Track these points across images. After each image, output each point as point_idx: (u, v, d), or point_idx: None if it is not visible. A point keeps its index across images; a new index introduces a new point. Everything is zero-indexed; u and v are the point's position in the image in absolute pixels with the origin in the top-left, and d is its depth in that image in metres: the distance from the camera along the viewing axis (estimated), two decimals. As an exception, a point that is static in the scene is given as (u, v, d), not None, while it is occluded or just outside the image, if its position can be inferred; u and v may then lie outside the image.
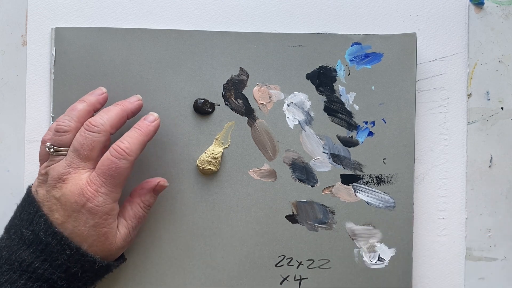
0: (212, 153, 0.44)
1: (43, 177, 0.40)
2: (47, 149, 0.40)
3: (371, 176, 0.45)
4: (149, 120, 0.41)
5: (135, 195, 0.42)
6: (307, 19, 0.46)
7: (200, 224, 0.45)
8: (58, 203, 0.38)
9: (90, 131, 0.39)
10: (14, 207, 0.45)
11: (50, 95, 0.45)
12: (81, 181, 0.38)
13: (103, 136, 0.39)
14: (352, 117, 0.45)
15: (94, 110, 0.41)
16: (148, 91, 0.45)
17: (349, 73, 0.45)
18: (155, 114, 0.41)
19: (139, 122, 0.41)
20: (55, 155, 0.40)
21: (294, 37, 0.45)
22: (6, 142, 0.45)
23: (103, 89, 0.42)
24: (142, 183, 0.42)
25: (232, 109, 0.45)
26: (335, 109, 0.45)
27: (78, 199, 0.38)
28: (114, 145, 0.39)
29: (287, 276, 0.45)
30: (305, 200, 0.45)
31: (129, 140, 0.39)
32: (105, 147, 0.40)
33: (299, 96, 0.45)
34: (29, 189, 0.41)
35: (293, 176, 0.45)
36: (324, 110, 0.45)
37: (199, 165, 0.44)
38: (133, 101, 0.42)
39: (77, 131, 0.40)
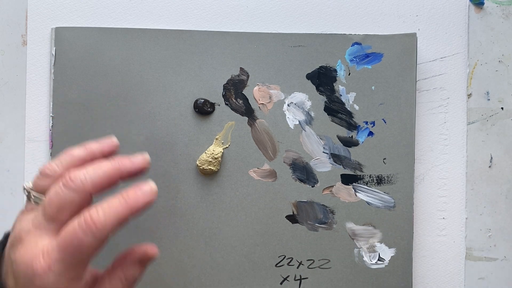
0: (212, 153, 0.44)
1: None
2: (23, 189, 0.33)
3: (371, 176, 0.45)
4: (142, 191, 0.31)
5: (117, 266, 0.33)
6: (307, 19, 0.46)
7: (200, 224, 0.45)
8: (11, 268, 0.31)
9: (65, 186, 0.31)
10: (14, 207, 0.45)
11: (50, 95, 0.45)
12: (36, 248, 0.30)
13: (78, 196, 0.31)
14: (352, 117, 0.45)
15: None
16: (148, 91, 0.45)
17: (349, 73, 0.45)
18: (153, 186, 0.32)
19: (130, 190, 0.31)
20: (29, 200, 0.33)
21: (294, 37, 0.45)
22: (6, 142, 0.45)
23: (114, 140, 0.35)
24: (126, 250, 0.34)
25: (232, 109, 0.45)
26: (335, 109, 0.45)
27: (27, 272, 0.30)
28: (85, 213, 0.30)
29: (287, 276, 0.45)
30: (305, 200, 0.45)
31: (106, 211, 0.30)
32: (83, 208, 0.31)
33: (299, 96, 0.45)
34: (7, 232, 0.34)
35: (293, 176, 0.45)
36: (324, 110, 0.45)
37: (199, 165, 0.44)
38: (136, 161, 0.33)
39: None
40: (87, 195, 0.31)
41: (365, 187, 0.45)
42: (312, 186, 0.45)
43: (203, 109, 0.45)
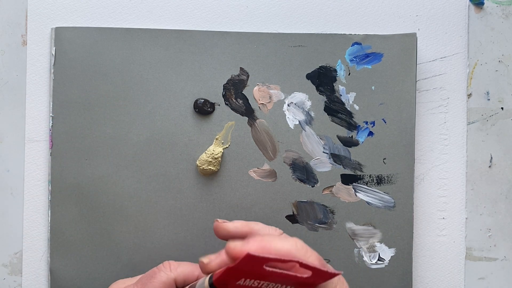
0: (212, 153, 0.44)
1: None
2: None
3: (371, 176, 0.45)
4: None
5: None
6: (307, 19, 0.46)
7: (200, 224, 0.45)
8: None
9: (159, 269, 0.38)
10: (14, 207, 0.45)
11: (50, 95, 0.45)
12: None
13: (165, 276, 0.37)
14: (352, 117, 0.45)
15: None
16: (148, 91, 0.45)
17: (349, 73, 0.45)
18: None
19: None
20: None
21: (294, 37, 0.45)
22: (6, 142, 0.45)
23: None
24: None
25: (232, 109, 0.45)
26: (335, 109, 0.45)
27: None
28: (166, 261, 0.38)
29: (287, 276, 0.45)
30: (305, 200, 0.45)
31: (182, 264, 0.38)
32: None
33: (299, 96, 0.45)
34: None
35: (293, 176, 0.45)
36: (324, 110, 0.45)
37: (199, 165, 0.44)
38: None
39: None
40: (170, 281, 0.37)
41: (365, 187, 0.45)
42: (312, 186, 0.45)
43: (203, 109, 0.45)
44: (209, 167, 0.44)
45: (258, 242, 0.31)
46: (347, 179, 0.45)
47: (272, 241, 0.31)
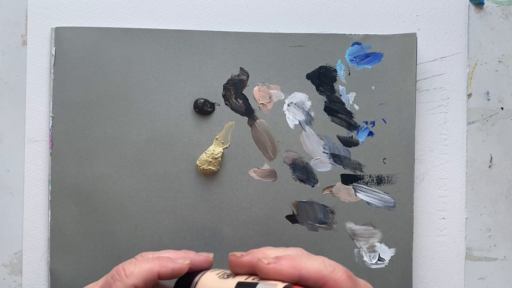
0: (212, 153, 0.44)
1: None
2: None
3: (371, 176, 0.45)
4: (174, 259, 0.35)
5: None
6: (307, 19, 0.46)
7: (200, 224, 0.45)
8: None
9: (112, 277, 0.34)
10: (14, 207, 0.46)
11: (50, 95, 0.45)
12: None
13: (122, 286, 0.33)
14: (352, 117, 0.45)
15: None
16: (148, 91, 0.45)
17: (349, 73, 0.45)
18: (187, 261, 0.35)
19: (163, 256, 0.36)
20: None
21: (294, 37, 0.45)
22: (6, 142, 0.45)
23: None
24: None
25: (232, 109, 0.45)
26: (335, 109, 0.45)
27: None
28: (118, 265, 0.34)
29: (287, 276, 0.45)
30: (305, 200, 0.45)
31: (138, 264, 0.34)
32: None
33: (299, 96, 0.45)
34: None
35: (293, 176, 0.45)
36: (324, 110, 0.45)
37: (199, 165, 0.44)
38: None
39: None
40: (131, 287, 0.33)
41: (365, 187, 0.45)
42: (312, 186, 0.45)
43: (203, 109, 0.45)
44: (209, 167, 0.44)
45: (290, 261, 0.31)
46: (347, 179, 0.45)
47: (302, 260, 0.32)
